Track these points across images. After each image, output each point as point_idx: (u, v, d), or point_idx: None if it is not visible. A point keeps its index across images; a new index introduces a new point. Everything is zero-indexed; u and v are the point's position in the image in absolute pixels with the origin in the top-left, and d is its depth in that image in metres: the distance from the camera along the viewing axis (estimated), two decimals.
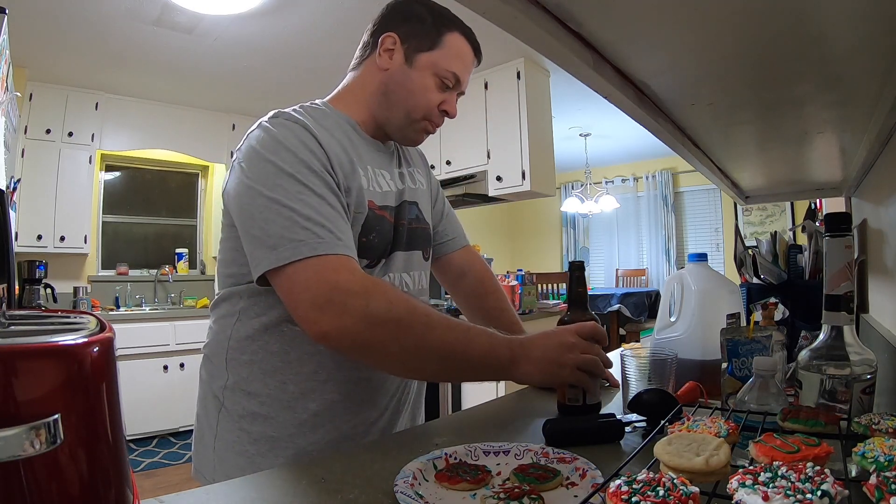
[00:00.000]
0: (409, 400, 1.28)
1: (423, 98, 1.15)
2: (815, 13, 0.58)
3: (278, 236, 0.96)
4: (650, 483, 0.53)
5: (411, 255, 1.25)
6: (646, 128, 0.99)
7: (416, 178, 1.33)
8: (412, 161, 1.37)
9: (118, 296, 5.23)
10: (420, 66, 1.15)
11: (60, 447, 0.46)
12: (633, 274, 8.42)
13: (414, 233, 1.25)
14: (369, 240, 1.11)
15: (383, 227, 1.16)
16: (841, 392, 0.82)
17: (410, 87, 1.15)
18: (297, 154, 1.02)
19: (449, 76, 1.16)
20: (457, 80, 1.17)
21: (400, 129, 1.20)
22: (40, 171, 4.62)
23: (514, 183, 4.46)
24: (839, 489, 0.50)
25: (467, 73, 1.20)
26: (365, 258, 1.12)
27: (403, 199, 1.24)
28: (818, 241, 1.61)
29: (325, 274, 0.95)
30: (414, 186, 1.30)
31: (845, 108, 0.97)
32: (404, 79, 1.15)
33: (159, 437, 4.57)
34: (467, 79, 1.21)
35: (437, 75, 1.15)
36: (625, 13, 0.61)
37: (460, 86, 1.19)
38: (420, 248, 1.28)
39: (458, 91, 1.20)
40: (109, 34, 3.88)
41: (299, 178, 1.00)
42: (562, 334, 1.03)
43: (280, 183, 0.99)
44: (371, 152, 1.20)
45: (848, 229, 0.87)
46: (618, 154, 8.11)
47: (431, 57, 1.15)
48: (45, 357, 0.47)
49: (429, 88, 1.15)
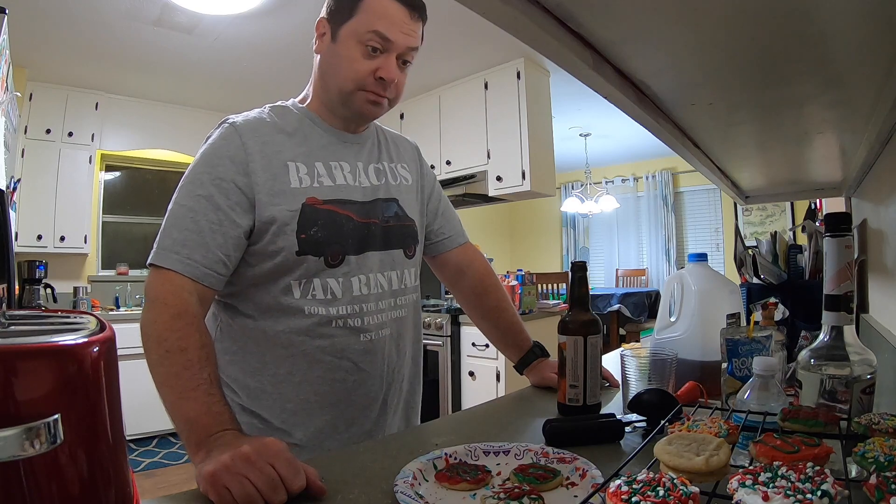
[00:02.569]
0: (399, 401, 1.28)
1: (350, 69, 1.12)
2: (815, 13, 0.58)
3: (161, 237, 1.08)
4: (650, 483, 0.53)
5: (389, 255, 1.24)
6: (646, 128, 0.99)
7: (397, 173, 1.32)
8: (398, 156, 1.35)
9: (118, 296, 5.23)
10: (343, 38, 1.12)
11: (60, 447, 0.46)
12: (633, 274, 8.41)
13: (391, 231, 1.24)
14: (310, 235, 1.11)
15: (331, 221, 1.14)
16: (841, 392, 0.82)
17: (336, 61, 1.14)
18: (212, 162, 1.10)
19: (373, 38, 1.10)
20: (384, 39, 1.11)
21: (342, 106, 1.18)
22: (40, 171, 4.61)
23: (514, 183, 4.46)
24: (839, 489, 0.50)
25: (397, 30, 1.12)
26: (315, 255, 1.13)
27: (378, 196, 1.24)
28: (818, 241, 1.61)
29: (153, 282, 1.04)
30: (395, 183, 1.29)
31: (845, 108, 0.97)
32: (331, 56, 1.15)
33: (159, 437, 4.58)
34: (402, 35, 1.13)
35: (360, 42, 1.11)
36: (625, 13, 0.60)
37: (392, 45, 1.12)
38: (401, 246, 1.27)
39: (394, 52, 1.13)
40: (109, 34, 3.88)
41: (201, 185, 1.09)
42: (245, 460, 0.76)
43: (186, 186, 1.10)
44: (330, 146, 1.21)
45: (848, 229, 0.87)
46: (618, 154, 8.10)
47: (351, 25, 1.11)
48: (45, 357, 0.47)
49: (354, 58, 1.12)
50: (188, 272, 1.03)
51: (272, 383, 1.13)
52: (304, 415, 1.14)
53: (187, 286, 1.02)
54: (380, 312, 1.21)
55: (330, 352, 1.14)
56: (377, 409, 1.22)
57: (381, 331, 1.21)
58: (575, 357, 1.11)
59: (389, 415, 1.25)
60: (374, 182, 1.25)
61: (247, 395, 1.14)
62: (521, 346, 1.45)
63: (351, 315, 1.16)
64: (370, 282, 1.20)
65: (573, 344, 1.11)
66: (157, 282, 1.03)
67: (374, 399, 1.21)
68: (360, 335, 1.17)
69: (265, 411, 1.13)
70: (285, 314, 1.12)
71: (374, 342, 1.19)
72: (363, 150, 1.27)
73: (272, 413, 1.13)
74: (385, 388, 1.23)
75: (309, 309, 1.13)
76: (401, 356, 1.28)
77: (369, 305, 1.19)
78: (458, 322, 4.06)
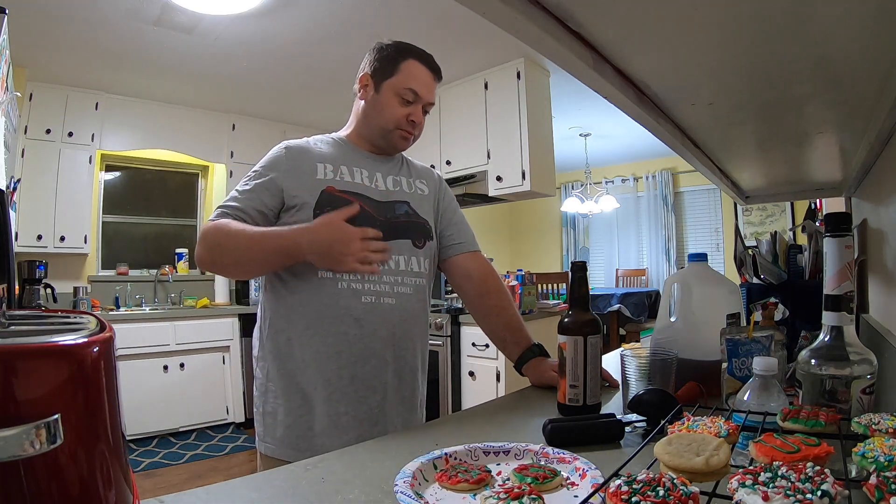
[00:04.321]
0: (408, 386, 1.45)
1: (390, 113, 1.46)
2: (814, 14, 0.58)
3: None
4: (650, 483, 0.53)
5: (398, 243, 1.44)
6: (646, 128, 0.99)
7: (415, 185, 1.58)
8: (418, 175, 1.63)
9: (118, 296, 5.22)
10: (385, 91, 1.47)
11: (60, 447, 0.46)
12: (633, 274, 8.41)
13: (402, 225, 1.48)
14: (324, 212, 1.35)
15: (342, 205, 1.34)
16: (841, 392, 0.82)
17: (379, 108, 1.48)
18: (258, 169, 1.45)
19: (407, 93, 1.46)
20: (415, 94, 1.46)
21: (381, 139, 1.51)
22: (40, 171, 4.61)
23: (514, 183, 4.46)
24: (839, 489, 0.50)
25: (426, 88, 1.48)
26: None
27: (392, 199, 1.50)
28: (818, 241, 1.61)
29: (208, 228, 1.35)
30: (410, 191, 1.55)
31: (845, 109, 0.97)
32: (375, 103, 1.49)
33: (159, 438, 4.57)
34: (428, 92, 1.49)
35: (398, 95, 1.46)
36: (625, 13, 0.60)
37: (421, 98, 1.48)
38: (410, 237, 1.48)
39: (421, 103, 1.49)
40: (109, 34, 3.87)
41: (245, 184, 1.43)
42: (333, 229, 1.24)
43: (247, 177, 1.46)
44: (358, 158, 1.51)
45: (848, 229, 0.87)
46: (618, 154, 8.10)
47: (392, 82, 1.46)
48: (45, 357, 0.47)
49: (393, 106, 1.46)
50: (236, 214, 1.35)
51: (298, 345, 1.37)
52: (316, 366, 1.35)
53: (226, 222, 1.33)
54: (384, 283, 1.41)
55: (335, 309, 1.36)
56: (381, 369, 1.39)
57: (385, 299, 1.40)
58: (575, 357, 1.11)
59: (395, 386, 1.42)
60: (390, 188, 1.51)
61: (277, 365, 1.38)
62: (521, 345, 1.53)
63: (354, 280, 1.38)
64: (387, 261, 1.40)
65: (573, 344, 1.12)
66: (210, 228, 1.34)
67: (374, 354, 1.38)
68: (362, 297, 1.38)
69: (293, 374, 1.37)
70: (302, 279, 1.37)
71: (376, 305, 1.39)
72: (385, 166, 1.55)
73: (297, 370, 1.36)
74: (392, 351, 1.41)
75: (321, 272, 1.36)
76: (407, 332, 1.44)
77: (385, 279, 1.40)
78: (458, 322, 4.05)
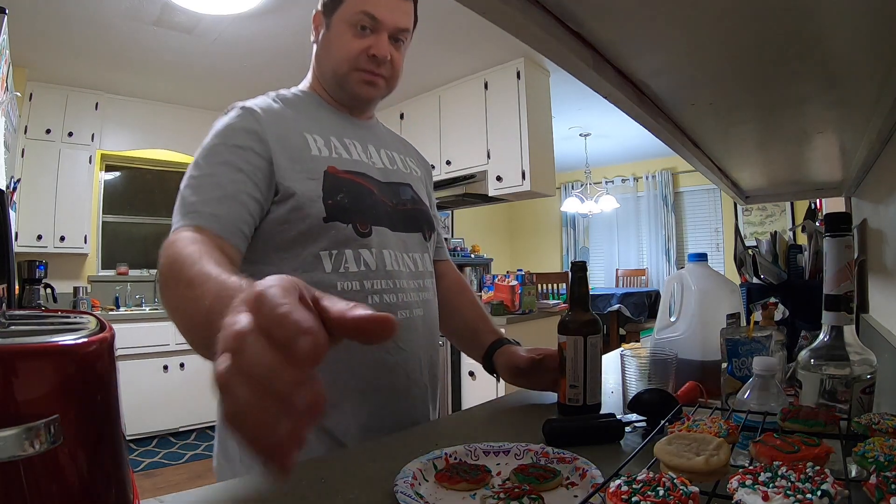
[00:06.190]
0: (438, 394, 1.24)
1: (342, 49, 1.15)
2: (814, 12, 0.58)
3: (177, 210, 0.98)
4: (650, 483, 0.53)
5: (410, 238, 1.21)
6: (645, 127, 0.99)
7: (408, 164, 1.33)
8: (405, 151, 1.37)
9: (118, 296, 5.23)
10: (335, 25, 1.16)
11: (60, 447, 0.46)
12: (633, 274, 8.42)
13: (409, 214, 1.23)
14: (337, 201, 1.08)
15: (354, 190, 1.12)
16: (841, 392, 0.82)
17: (329, 46, 1.18)
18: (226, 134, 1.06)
19: (361, 17, 1.13)
20: (371, 18, 1.13)
21: (339, 88, 1.21)
22: (40, 171, 4.62)
23: (514, 183, 4.46)
24: (839, 489, 0.50)
25: (386, 8, 1.14)
26: (343, 221, 1.08)
27: (392, 179, 1.23)
28: (818, 241, 1.61)
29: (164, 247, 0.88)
30: (406, 171, 1.30)
31: (845, 108, 0.97)
32: (325, 42, 1.19)
33: (159, 437, 4.57)
34: (390, 13, 1.15)
35: (350, 24, 1.14)
36: (625, 13, 0.60)
37: (382, 24, 1.14)
38: (419, 230, 1.25)
39: (384, 30, 1.15)
40: (109, 34, 3.88)
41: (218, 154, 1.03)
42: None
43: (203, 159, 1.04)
44: (338, 124, 1.21)
45: (848, 229, 0.87)
46: (618, 154, 8.11)
47: (341, 11, 1.15)
48: (44, 357, 0.47)
49: (345, 40, 1.15)
50: (212, 227, 0.93)
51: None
52: (344, 406, 1.05)
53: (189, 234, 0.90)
54: (411, 291, 1.17)
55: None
56: (421, 399, 1.17)
57: (416, 310, 1.16)
58: (575, 357, 1.11)
59: (433, 410, 1.21)
60: (388, 165, 1.25)
61: None
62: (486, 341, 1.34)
63: (386, 290, 1.11)
64: (398, 259, 1.16)
65: (573, 344, 1.11)
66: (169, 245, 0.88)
67: (415, 383, 1.15)
68: (398, 312, 1.12)
69: None
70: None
71: (410, 320, 1.14)
72: (372, 135, 1.28)
73: None
74: (428, 376, 1.19)
75: (342, 284, 1.06)
76: (434, 345, 1.23)
77: (402, 282, 1.15)
78: None
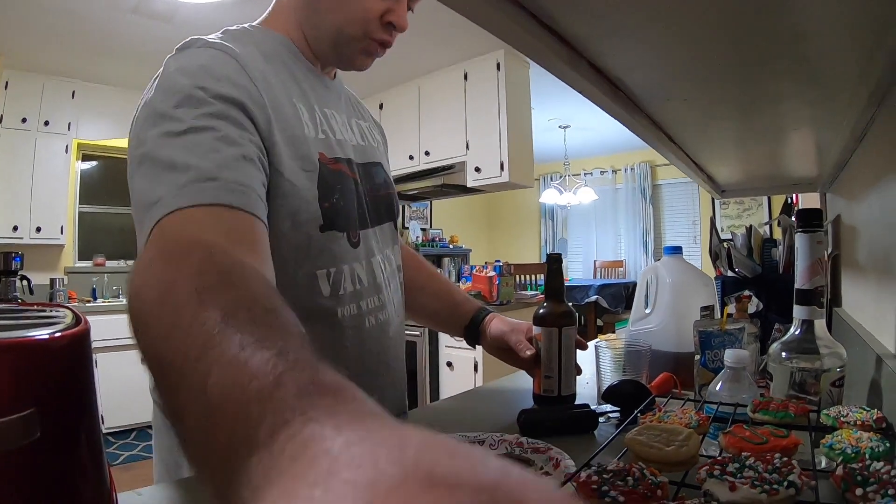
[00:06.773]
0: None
1: (360, 9, 0.87)
2: (792, 11, 0.59)
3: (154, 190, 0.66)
4: (620, 473, 0.54)
5: (383, 230, 1.03)
6: (621, 122, 0.99)
7: (374, 135, 1.09)
8: (364, 115, 1.12)
9: (95, 287, 5.14)
10: None
11: (35, 442, 0.45)
12: (611, 265, 8.48)
13: (383, 201, 1.03)
14: (333, 203, 0.87)
15: (346, 186, 0.91)
16: (810, 384, 0.83)
17: None
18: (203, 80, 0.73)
19: None
20: None
21: (332, 48, 0.92)
22: (16, 161, 4.52)
23: (492, 174, 4.47)
24: (805, 480, 0.50)
25: None
26: (340, 230, 0.89)
27: (367, 159, 1.00)
28: (792, 235, 1.63)
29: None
30: (375, 145, 1.07)
31: (821, 106, 0.98)
32: None
33: (138, 430, 4.51)
34: None
35: None
36: (599, 8, 0.60)
37: None
38: (391, 218, 1.06)
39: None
40: (87, 22, 3.79)
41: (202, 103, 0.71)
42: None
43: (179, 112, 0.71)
44: (317, 88, 0.94)
45: (820, 225, 0.89)
46: (597, 146, 8.15)
47: None
48: (17, 352, 0.46)
49: None
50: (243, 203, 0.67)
51: None
52: None
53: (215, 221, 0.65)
54: (394, 298, 1.02)
55: (360, 355, 0.92)
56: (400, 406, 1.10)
57: (396, 318, 1.03)
58: (550, 348, 1.12)
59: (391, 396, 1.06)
60: (360, 141, 1.01)
61: None
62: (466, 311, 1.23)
63: (378, 308, 0.96)
64: (382, 264, 0.99)
65: (548, 335, 1.12)
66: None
67: (400, 398, 1.08)
68: (390, 329, 0.99)
69: None
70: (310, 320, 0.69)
71: (396, 335, 1.02)
72: (342, 100, 1.03)
73: None
74: (403, 387, 1.11)
75: (342, 311, 0.89)
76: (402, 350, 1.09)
77: (387, 293, 0.99)
78: None
